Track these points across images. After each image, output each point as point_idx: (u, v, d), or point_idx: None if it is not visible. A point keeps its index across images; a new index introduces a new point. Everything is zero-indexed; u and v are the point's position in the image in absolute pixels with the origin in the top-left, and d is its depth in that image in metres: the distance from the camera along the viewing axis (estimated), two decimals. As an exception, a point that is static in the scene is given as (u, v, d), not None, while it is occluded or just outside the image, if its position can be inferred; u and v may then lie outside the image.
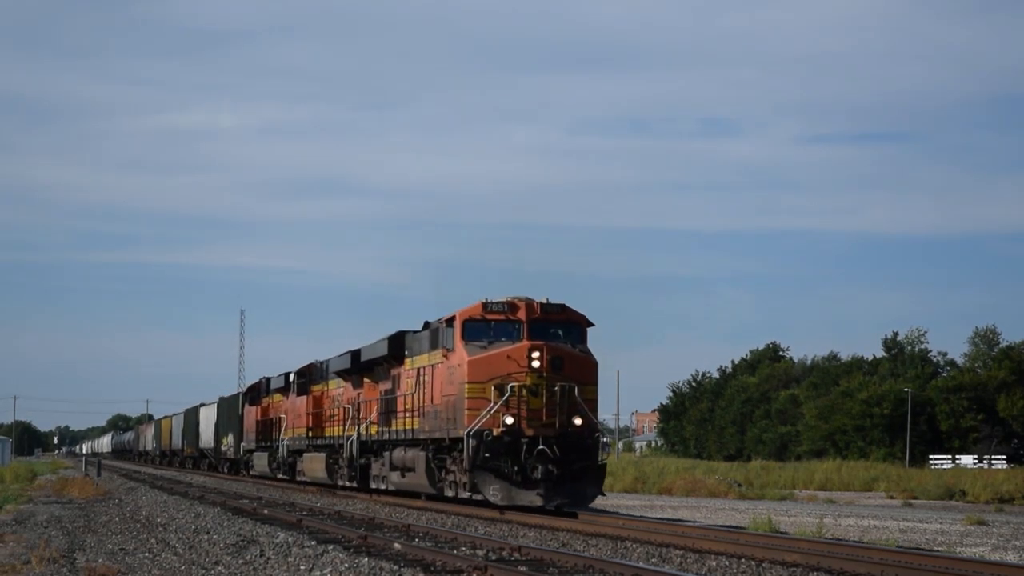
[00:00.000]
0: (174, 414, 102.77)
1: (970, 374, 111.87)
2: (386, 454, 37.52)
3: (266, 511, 32.13)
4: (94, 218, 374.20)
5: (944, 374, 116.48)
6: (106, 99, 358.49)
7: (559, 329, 31.15)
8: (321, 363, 48.88)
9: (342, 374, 43.87)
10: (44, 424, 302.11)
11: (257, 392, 63.27)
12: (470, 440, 29.64)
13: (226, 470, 73.92)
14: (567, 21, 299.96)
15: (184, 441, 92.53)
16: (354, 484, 41.78)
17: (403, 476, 35.77)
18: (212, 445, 78.28)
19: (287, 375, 53.56)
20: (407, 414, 35.06)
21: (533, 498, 29.72)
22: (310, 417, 48.79)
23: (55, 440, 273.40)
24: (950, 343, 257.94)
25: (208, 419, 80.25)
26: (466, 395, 30.15)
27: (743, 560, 18.71)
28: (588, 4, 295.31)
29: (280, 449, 54.34)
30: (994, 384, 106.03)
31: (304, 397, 50.34)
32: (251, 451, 63.25)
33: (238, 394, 69.88)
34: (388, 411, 37.60)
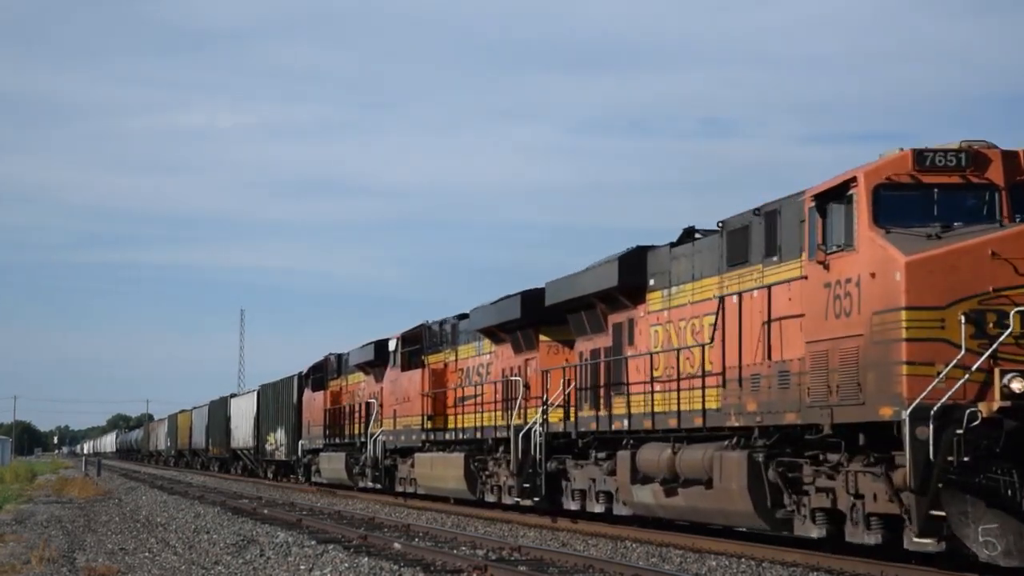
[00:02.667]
0: (195, 408, 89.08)
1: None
2: (622, 454, 22.77)
3: (266, 511, 32.14)
4: (94, 218, 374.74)
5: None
6: (106, 99, 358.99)
7: None
8: (440, 324, 35.55)
9: (492, 333, 30.69)
10: (44, 424, 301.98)
11: (323, 373, 48.93)
12: (924, 426, 14.96)
13: (271, 475, 60.29)
14: (567, 21, 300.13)
15: (210, 439, 78.94)
16: (533, 503, 27.19)
17: (670, 494, 21.03)
18: (251, 444, 63.49)
19: (379, 344, 39.34)
20: (679, 386, 20.86)
21: None
22: (428, 401, 34.50)
23: (55, 440, 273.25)
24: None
25: (244, 412, 66.23)
26: (903, 334, 15.47)
27: (743, 560, 18.71)
28: (588, 4, 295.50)
29: (369, 447, 39.29)
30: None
31: (416, 372, 35.93)
32: (315, 451, 48.42)
33: (292, 377, 54.32)
34: (602, 384, 24.13)
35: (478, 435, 30.70)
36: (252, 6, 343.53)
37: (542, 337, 27.99)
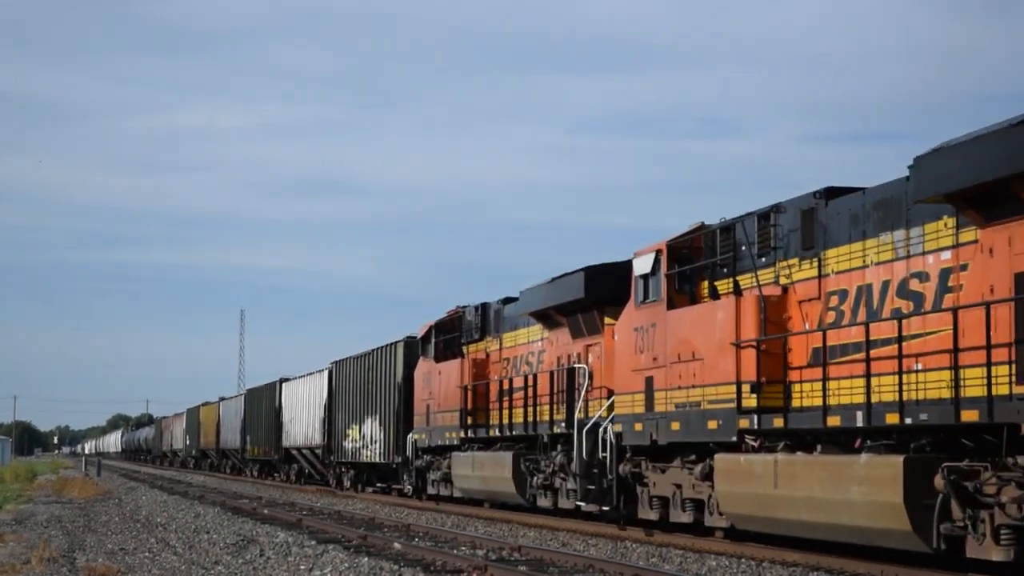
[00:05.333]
0: (223, 399, 76.61)
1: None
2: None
3: (266, 511, 32.14)
4: (94, 218, 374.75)
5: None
6: (106, 99, 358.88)
7: None
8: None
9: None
10: (44, 424, 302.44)
11: (456, 333, 33.41)
12: None
13: (348, 483, 45.06)
14: (567, 21, 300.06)
15: (248, 437, 64.43)
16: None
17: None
18: (317, 441, 48.86)
19: (593, 272, 24.85)
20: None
21: None
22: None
23: (55, 440, 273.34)
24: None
25: (305, 399, 51.56)
26: None
27: (743, 560, 18.70)
28: (588, 4, 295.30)
29: (580, 441, 23.98)
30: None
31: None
32: (438, 449, 33.93)
33: (392, 346, 39.19)
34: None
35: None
36: (252, 6, 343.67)
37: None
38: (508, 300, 30.27)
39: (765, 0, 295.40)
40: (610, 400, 23.49)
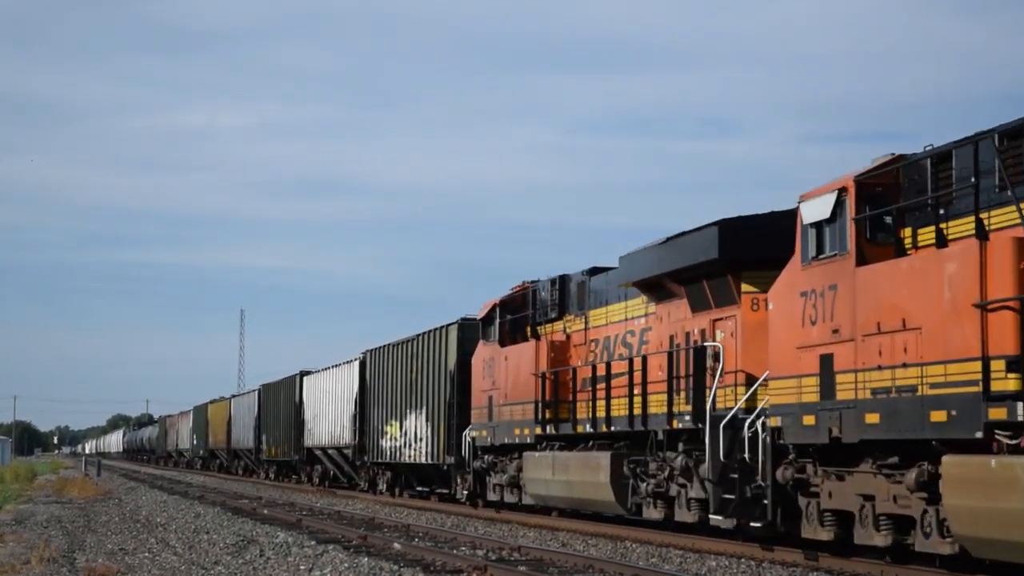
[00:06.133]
0: (235, 395, 73.45)
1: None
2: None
3: (266, 511, 32.12)
4: (94, 218, 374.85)
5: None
6: (106, 99, 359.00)
7: None
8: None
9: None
10: (44, 424, 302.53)
11: (520, 313, 28.82)
12: None
13: (383, 487, 41.24)
14: (567, 21, 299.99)
15: (264, 436, 60.34)
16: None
17: None
18: (347, 439, 44.30)
19: (692, 236, 20.78)
20: None
21: None
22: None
23: (55, 440, 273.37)
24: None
25: (331, 392, 47.02)
26: None
27: (743, 560, 18.69)
28: (588, 4, 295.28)
29: (723, 439, 19.22)
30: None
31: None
32: (508, 448, 28.89)
33: (443, 329, 34.26)
34: None
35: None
36: (252, 6, 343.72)
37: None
38: (595, 271, 25.63)
39: (765, 0, 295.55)
40: (753, 388, 19.22)
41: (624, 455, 23.24)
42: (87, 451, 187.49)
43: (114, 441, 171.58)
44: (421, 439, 35.64)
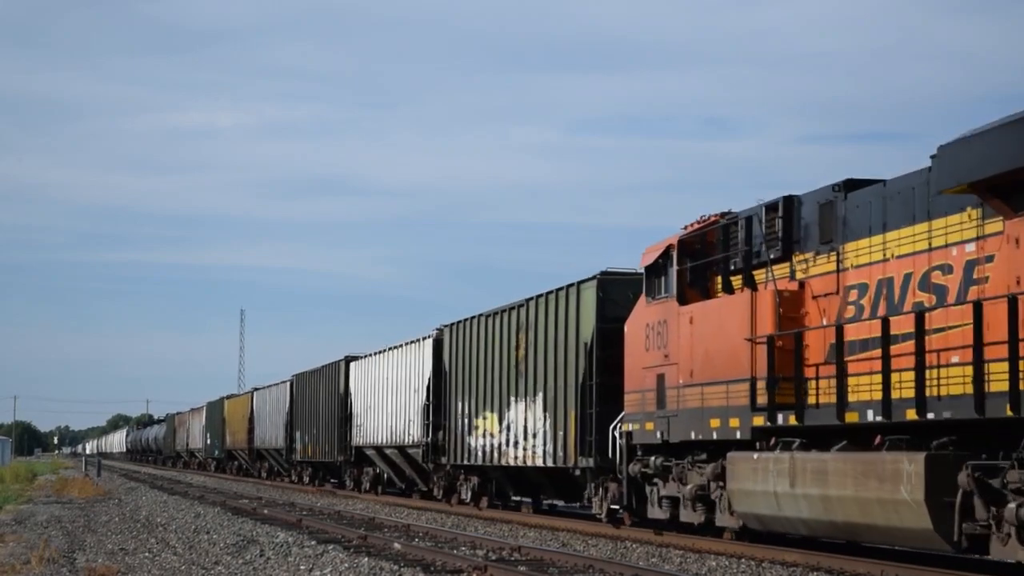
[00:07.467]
0: (256, 389, 64.13)
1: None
2: None
3: (266, 511, 32.12)
4: (94, 218, 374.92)
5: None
6: (105, 99, 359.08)
7: None
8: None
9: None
10: (44, 424, 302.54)
11: (709, 257, 20.93)
12: None
13: (468, 495, 33.06)
14: (567, 21, 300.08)
15: (296, 434, 52.89)
16: None
17: None
18: (415, 438, 36.04)
19: None
20: None
21: None
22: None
23: (55, 440, 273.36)
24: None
25: (386, 382, 39.56)
26: None
27: (743, 560, 18.69)
28: (588, 4, 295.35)
29: None
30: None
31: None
32: (693, 446, 20.71)
33: (574, 287, 26.25)
34: None
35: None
36: (252, 6, 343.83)
37: None
38: (853, 184, 17.59)
39: (765, 0, 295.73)
40: None
41: (950, 458, 15.02)
42: (89, 451, 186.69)
43: (116, 441, 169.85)
44: (535, 434, 27.81)
